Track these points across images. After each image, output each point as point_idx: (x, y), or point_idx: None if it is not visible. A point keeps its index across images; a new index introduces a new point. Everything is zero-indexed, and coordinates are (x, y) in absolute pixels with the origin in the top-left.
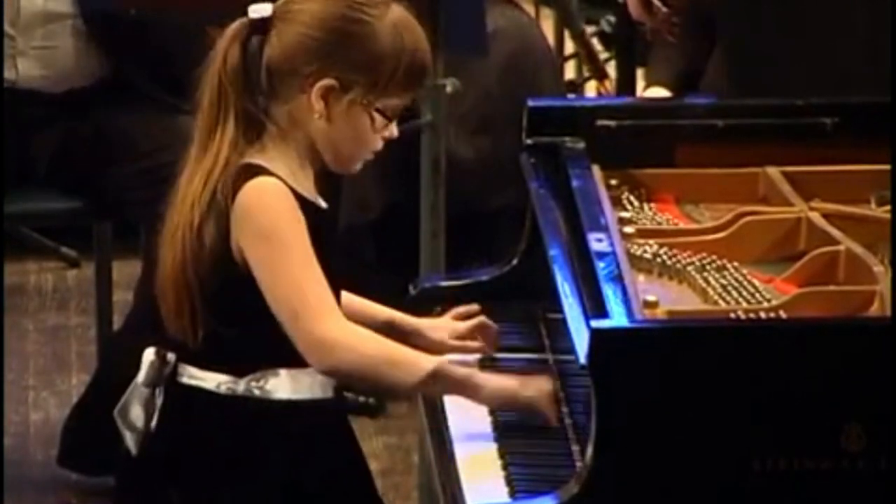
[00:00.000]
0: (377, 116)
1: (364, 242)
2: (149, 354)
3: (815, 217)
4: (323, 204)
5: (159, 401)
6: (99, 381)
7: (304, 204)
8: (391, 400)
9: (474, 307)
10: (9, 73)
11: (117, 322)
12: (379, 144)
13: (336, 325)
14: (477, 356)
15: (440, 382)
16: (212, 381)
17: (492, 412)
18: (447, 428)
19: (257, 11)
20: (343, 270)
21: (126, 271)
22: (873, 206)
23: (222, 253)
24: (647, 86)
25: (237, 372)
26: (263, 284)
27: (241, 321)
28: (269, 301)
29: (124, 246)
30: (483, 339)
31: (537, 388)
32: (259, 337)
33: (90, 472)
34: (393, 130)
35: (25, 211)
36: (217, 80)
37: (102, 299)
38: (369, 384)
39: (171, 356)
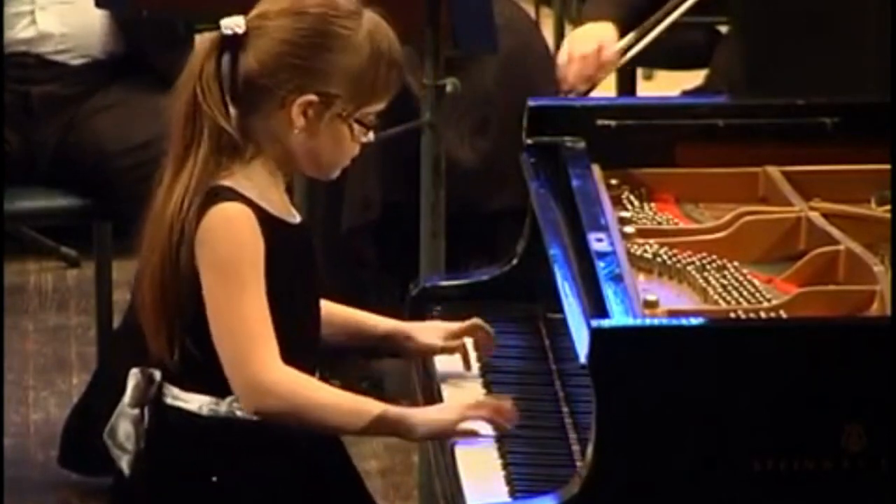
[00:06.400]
0: (356, 126)
1: (365, 243)
2: (134, 375)
3: (815, 217)
4: (296, 218)
5: (147, 421)
6: (98, 380)
7: (274, 224)
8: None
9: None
10: (28, 31)
11: (117, 322)
12: (357, 150)
13: (272, 370)
14: (476, 370)
15: (380, 428)
16: (194, 402)
17: None
18: None
19: (230, 27)
20: (335, 276)
21: (126, 271)
22: (873, 205)
23: (195, 275)
24: (586, 20)
25: (218, 393)
26: (209, 314)
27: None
28: (212, 332)
29: (124, 246)
30: (478, 339)
31: (473, 412)
32: None
33: (90, 472)
34: (370, 136)
35: (26, 210)
36: (192, 96)
37: (102, 299)
38: (304, 428)
39: (157, 375)
